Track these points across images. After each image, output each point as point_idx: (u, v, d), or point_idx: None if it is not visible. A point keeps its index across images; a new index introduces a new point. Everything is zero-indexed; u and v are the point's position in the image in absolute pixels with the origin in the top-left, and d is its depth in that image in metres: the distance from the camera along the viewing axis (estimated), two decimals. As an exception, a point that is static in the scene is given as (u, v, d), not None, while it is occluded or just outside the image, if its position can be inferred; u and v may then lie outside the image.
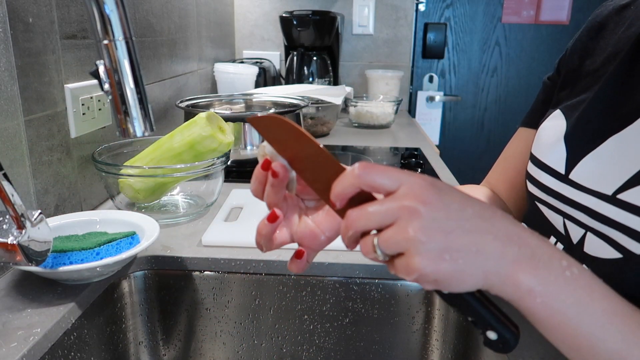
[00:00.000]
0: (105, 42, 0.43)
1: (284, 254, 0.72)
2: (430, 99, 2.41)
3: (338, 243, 0.76)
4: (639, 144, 0.45)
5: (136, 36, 1.09)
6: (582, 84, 0.57)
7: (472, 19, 2.35)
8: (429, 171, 1.17)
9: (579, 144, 0.51)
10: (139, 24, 1.09)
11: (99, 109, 0.88)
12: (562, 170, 0.52)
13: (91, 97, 0.85)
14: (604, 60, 0.55)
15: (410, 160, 1.24)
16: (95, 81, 0.46)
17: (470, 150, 2.51)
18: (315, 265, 0.71)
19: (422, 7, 2.35)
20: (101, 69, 0.45)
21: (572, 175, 0.50)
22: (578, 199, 0.49)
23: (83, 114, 0.83)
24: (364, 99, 1.85)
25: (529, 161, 0.59)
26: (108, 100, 0.46)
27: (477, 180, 0.72)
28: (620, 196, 0.44)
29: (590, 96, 0.53)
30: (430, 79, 2.43)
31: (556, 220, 0.53)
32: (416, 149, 1.41)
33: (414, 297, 0.71)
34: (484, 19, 2.35)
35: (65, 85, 0.79)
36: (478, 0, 2.33)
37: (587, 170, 0.49)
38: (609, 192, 0.46)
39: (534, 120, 0.63)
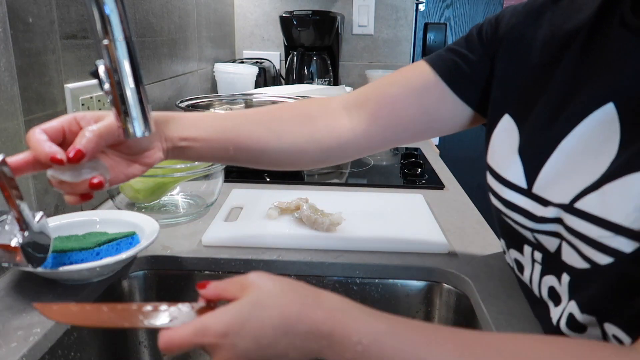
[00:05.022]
0: (105, 42, 0.43)
1: (284, 254, 0.72)
2: (430, 99, 2.41)
3: (338, 243, 0.75)
4: (587, 148, 0.43)
5: (136, 36, 1.09)
6: (526, 77, 0.54)
7: (472, 19, 2.36)
8: (429, 171, 1.17)
9: (533, 156, 0.49)
10: (139, 24, 1.09)
11: (99, 109, 0.88)
12: (523, 185, 0.50)
13: (91, 97, 0.85)
14: (546, 56, 0.52)
15: (410, 160, 1.24)
16: (95, 81, 0.46)
17: (470, 150, 2.51)
18: (316, 265, 0.71)
19: (422, 7, 2.35)
20: (101, 69, 0.45)
21: (535, 189, 0.48)
22: (543, 213, 0.47)
23: (83, 114, 0.83)
24: (364, 99, 1.85)
25: (487, 172, 0.56)
26: (108, 100, 0.46)
27: (477, 181, 0.72)
28: (577, 205, 0.43)
29: (538, 99, 0.51)
30: (430, 79, 2.43)
31: (525, 233, 0.51)
32: (416, 149, 1.41)
33: (413, 297, 0.71)
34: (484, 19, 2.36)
35: (65, 85, 0.79)
36: (478, 0, 2.33)
37: (546, 182, 0.47)
38: (567, 202, 0.44)
39: (442, 67, 0.61)
